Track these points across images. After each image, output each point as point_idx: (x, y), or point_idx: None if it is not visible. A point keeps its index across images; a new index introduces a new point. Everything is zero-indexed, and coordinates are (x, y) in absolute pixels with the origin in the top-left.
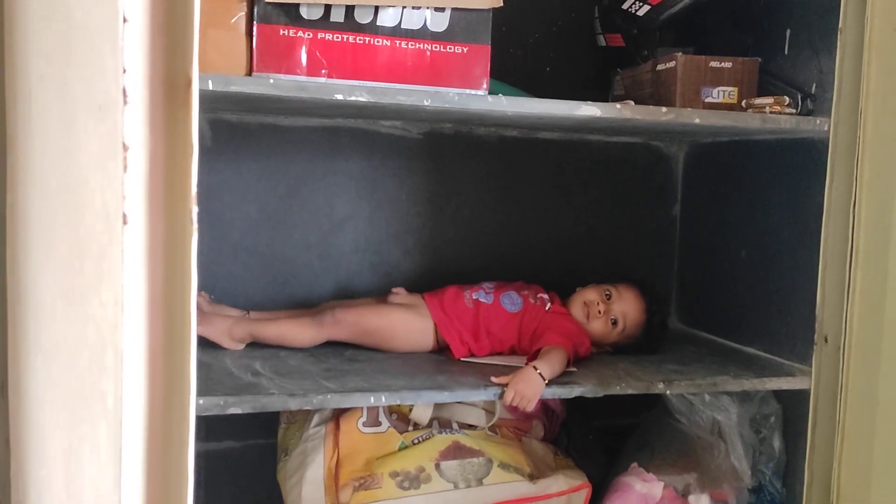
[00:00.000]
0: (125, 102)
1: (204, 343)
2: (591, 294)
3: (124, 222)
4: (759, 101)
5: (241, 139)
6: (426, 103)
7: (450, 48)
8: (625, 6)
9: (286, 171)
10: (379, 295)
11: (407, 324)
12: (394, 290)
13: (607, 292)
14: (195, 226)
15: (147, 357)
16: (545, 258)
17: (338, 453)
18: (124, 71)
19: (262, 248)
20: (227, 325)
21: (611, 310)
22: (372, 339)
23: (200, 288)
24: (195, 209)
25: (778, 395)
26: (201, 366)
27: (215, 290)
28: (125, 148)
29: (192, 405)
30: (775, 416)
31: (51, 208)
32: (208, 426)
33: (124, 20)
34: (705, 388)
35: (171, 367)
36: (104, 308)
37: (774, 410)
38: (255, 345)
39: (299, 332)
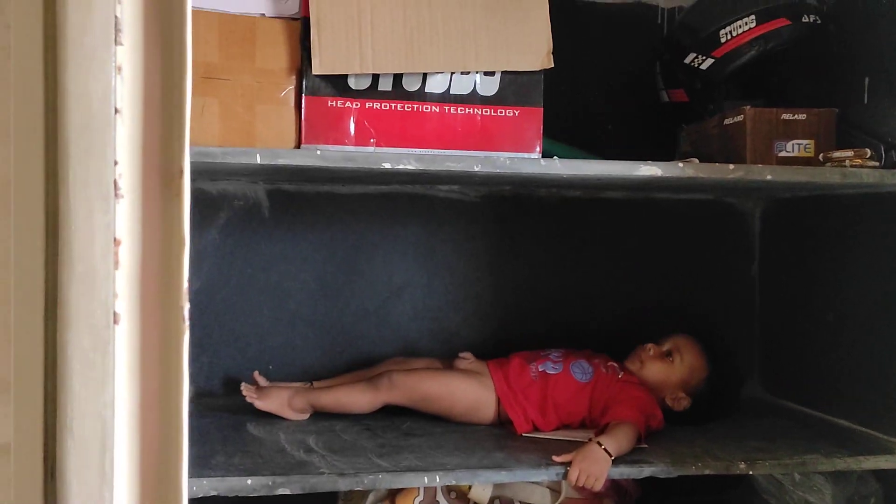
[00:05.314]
0: (117, 196)
1: (261, 416)
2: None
3: (115, 321)
4: (837, 154)
5: (298, 208)
6: (476, 169)
7: (501, 112)
8: (686, 60)
9: (343, 238)
10: (441, 357)
11: (467, 394)
12: (461, 354)
13: (659, 343)
14: (187, 323)
15: (139, 465)
16: (612, 325)
17: None
18: (116, 163)
19: (319, 318)
20: (285, 396)
21: (661, 347)
22: (430, 405)
23: (257, 360)
24: (187, 306)
25: (877, 473)
26: (253, 441)
27: (273, 361)
28: (117, 242)
29: None
30: (875, 496)
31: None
32: (265, 502)
33: (116, 111)
34: (793, 467)
35: (163, 475)
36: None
37: (874, 490)
38: (314, 417)
39: (356, 398)
